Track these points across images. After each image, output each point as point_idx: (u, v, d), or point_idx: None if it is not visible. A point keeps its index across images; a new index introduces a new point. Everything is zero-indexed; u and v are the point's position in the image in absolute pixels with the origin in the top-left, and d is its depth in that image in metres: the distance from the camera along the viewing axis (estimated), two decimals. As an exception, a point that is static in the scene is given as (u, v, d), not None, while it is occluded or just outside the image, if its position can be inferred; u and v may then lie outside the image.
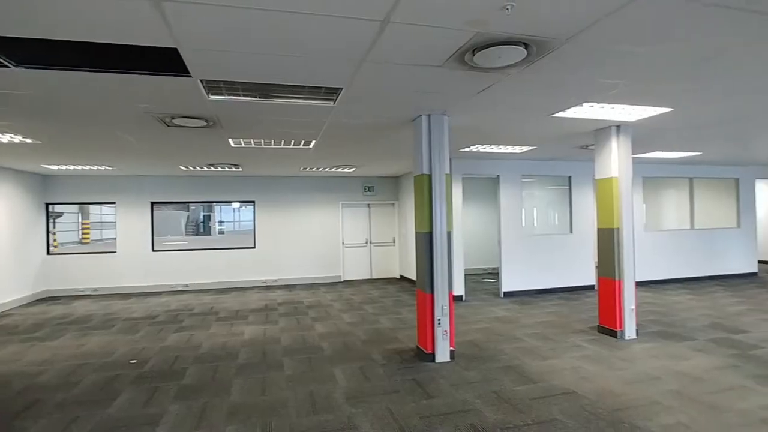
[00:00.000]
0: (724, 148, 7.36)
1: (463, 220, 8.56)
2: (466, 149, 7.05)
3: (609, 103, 4.38)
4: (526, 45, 2.78)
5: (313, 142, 6.12)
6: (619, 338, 5.37)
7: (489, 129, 5.52)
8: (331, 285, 10.36)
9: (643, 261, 9.35)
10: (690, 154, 8.07)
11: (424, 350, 4.74)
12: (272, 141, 5.99)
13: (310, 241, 10.80)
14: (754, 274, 10.42)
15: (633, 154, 7.78)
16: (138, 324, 6.66)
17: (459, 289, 8.16)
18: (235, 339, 5.72)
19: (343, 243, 11.07)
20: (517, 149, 7.13)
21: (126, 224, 9.86)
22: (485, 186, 11.51)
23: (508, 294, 8.37)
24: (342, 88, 3.66)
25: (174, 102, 3.97)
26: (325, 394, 3.88)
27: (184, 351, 5.23)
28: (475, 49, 2.81)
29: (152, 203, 10.02)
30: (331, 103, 4.10)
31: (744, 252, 10.40)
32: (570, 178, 9.04)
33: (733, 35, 2.72)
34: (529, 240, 8.66)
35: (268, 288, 10.03)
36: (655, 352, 4.82)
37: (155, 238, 10.19)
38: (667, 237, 9.86)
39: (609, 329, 5.52)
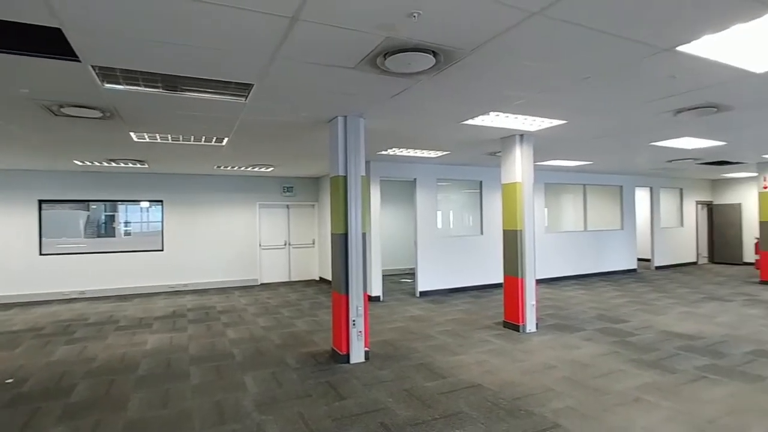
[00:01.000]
0: (610, 158, 8.26)
1: (381, 222, 8.70)
2: (384, 152, 7.17)
3: (513, 114, 4.70)
4: (434, 53, 2.89)
5: (226, 140, 5.86)
6: (521, 332, 5.78)
7: (405, 133, 5.67)
8: (247, 288, 9.98)
9: (544, 260, 10.18)
10: (583, 163, 8.94)
11: (338, 352, 4.74)
12: (180, 136, 5.63)
13: (225, 243, 10.31)
14: (634, 270, 11.80)
15: (535, 161, 8.45)
16: (18, 337, 5.89)
17: (377, 290, 8.28)
18: (136, 349, 5.28)
19: (260, 245, 10.72)
20: (433, 154, 7.40)
21: (5, 224, 8.67)
22: (403, 188, 11.80)
23: (423, 293, 8.64)
24: (253, 85, 3.55)
25: (62, 88, 3.58)
26: (233, 402, 3.72)
27: (74, 365, 4.72)
28: (387, 53, 2.88)
29: (40, 201, 8.92)
30: (243, 99, 3.95)
31: (626, 251, 11.74)
32: (481, 182, 9.58)
33: (606, 57, 3.06)
34: (443, 241, 9.02)
35: (177, 293, 9.39)
36: (551, 344, 5.26)
37: (44, 240, 9.07)
38: (565, 238, 10.83)
39: (513, 324, 5.92)
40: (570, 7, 2.30)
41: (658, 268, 12.32)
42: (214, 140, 5.89)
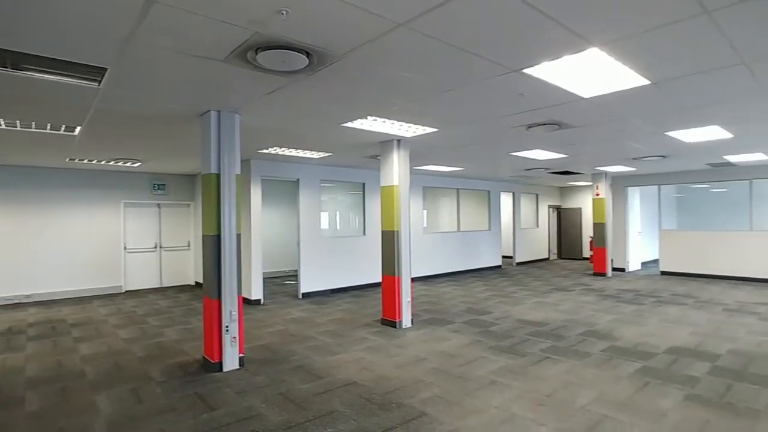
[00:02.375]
0: (478, 165, 9.09)
1: (263, 223, 8.42)
2: (265, 151, 6.96)
3: (390, 119, 4.91)
4: (308, 53, 2.90)
5: (78, 129, 5.15)
6: (398, 328, 6.06)
7: (285, 132, 5.57)
8: (109, 297, 8.88)
9: (423, 259, 10.81)
10: (456, 169, 9.70)
11: (210, 360, 4.47)
12: (18, 122, 4.80)
13: (81, 246, 9.03)
14: (499, 266, 13.13)
15: (414, 166, 8.93)
16: None
17: (257, 293, 7.99)
18: (-51, 377, 4.37)
19: (125, 248, 9.62)
20: (315, 154, 7.39)
21: None
22: (286, 189, 11.57)
23: (306, 295, 8.57)
24: (107, 69, 3.18)
25: None
26: (79, 428, 3.28)
27: None
28: (258, 48, 2.80)
29: None
30: (96, 84, 3.52)
31: (493, 249, 13.01)
32: (364, 184, 9.82)
33: (466, 72, 3.37)
34: (327, 242, 9.05)
35: (16, 307, 7.98)
36: (424, 337, 5.60)
37: None
38: (441, 238, 11.62)
39: (390, 321, 6.17)
40: (432, 22, 2.48)
41: (518, 264, 13.87)
42: (63, 128, 5.13)
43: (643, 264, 12.81)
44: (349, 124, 5.10)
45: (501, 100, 4.14)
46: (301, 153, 7.23)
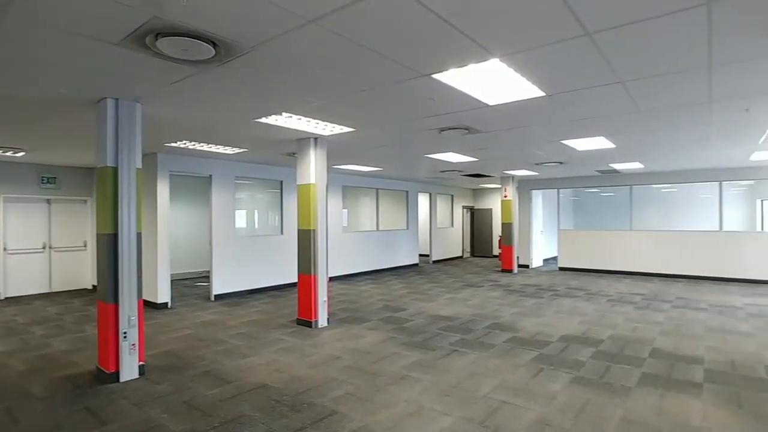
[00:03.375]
0: (396, 166, 9.30)
1: (173, 221, 7.88)
2: (174, 144, 6.52)
3: (306, 117, 4.85)
4: (214, 44, 2.77)
5: (-62, 111, 4.45)
6: (313, 328, 6.01)
7: (195, 125, 5.27)
8: (-22, 305, 7.76)
9: (343, 258, 10.83)
10: (375, 169, 9.84)
11: (105, 371, 4.10)
12: None
13: (-59, 247, 7.79)
14: (416, 264, 13.55)
15: (333, 164, 8.92)
16: None
17: (164, 296, 7.47)
18: None
19: (5, 249, 8.47)
20: (229, 150, 7.08)
21: None
22: (199, 185, 10.96)
23: (219, 297, 8.18)
24: (-26, 45, 2.79)
25: None
26: (-66, 455, 2.84)
27: None
28: (158, 34, 2.62)
29: None
30: (-40, 60, 3.07)
31: (410, 248, 13.40)
32: (282, 182, 9.60)
33: (378, 74, 3.45)
34: (242, 241, 8.72)
35: None
36: (340, 336, 5.61)
37: None
38: (361, 237, 11.72)
39: (306, 321, 6.11)
40: (342, 22, 2.50)
41: (434, 262, 14.41)
42: None
43: (545, 261, 13.98)
44: (264, 120, 4.96)
45: (414, 103, 4.28)
46: (213, 148, 6.88)
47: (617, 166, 9.46)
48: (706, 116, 4.83)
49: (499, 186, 14.16)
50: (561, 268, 12.22)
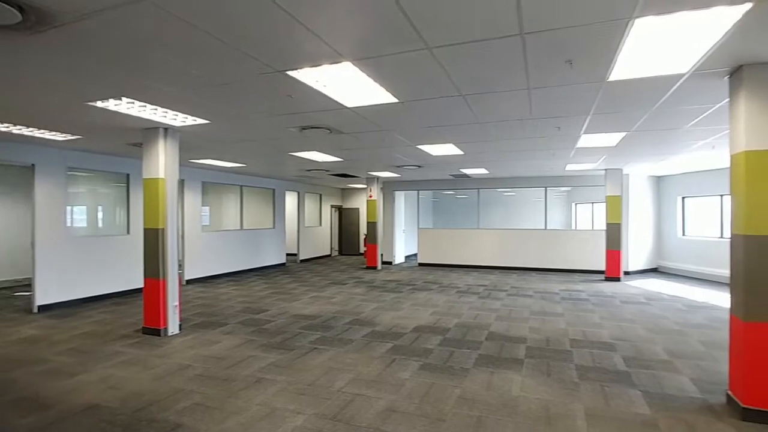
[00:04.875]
0: (261, 163, 8.99)
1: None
2: (-24, 125, 5.35)
3: (153, 105, 4.39)
4: (20, 8, 2.34)
5: None
6: (162, 336, 5.48)
7: (7, 104, 4.39)
8: None
9: (202, 259, 10.10)
10: (238, 165, 9.36)
11: None
12: None
13: None
14: (283, 264, 13.28)
15: (190, 159, 8.25)
16: None
17: (-40, 311, 6.08)
18: None
19: None
20: (59, 136, 6.05)
21: None
22: (19, 176, 9.18)
23: (45, 308, 6.94)
24: None
25: None
26: None
27: None
28: (-63, -11, 2.13)
29: None
30: None
31: (277, 247, 13.09)
32: (128, 175, 8.55)
33: (229, 66, 3.30)
34: (77, 242, 7.54)
35: None
36: (192, 343, 5.21)
37: None
38: (223, 237, 11.05)
39: (153, 329, 5.54)
40: (187, 6, 2.33)
41: (302, 261, 14.29)
42: None
43: (407, 257, 14.89)
44: (100, 104, 4.36)
45: (271, 99, 4.18)
46: (37, 132, 5.81)
47: (467, 171, 10.52)
48: (530, 131, 5.65)
49: (366, 186, 14.64)
50: (420, 264, 13.13)
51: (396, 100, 4.14)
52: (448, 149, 7.00)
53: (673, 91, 3.90)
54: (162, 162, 5.55)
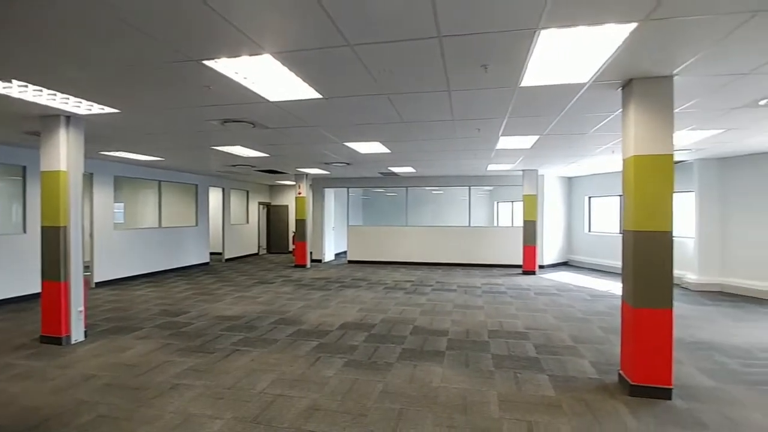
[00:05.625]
0: (181, 156, 8.48)
1: None
2: None
3: (51, 89, 3.97)
4: None
5: None
6: (64, 344, 5.00)
7: None
8: None
9: (116, 259, 9.35)
10: (156, 159, 8.77)
11: None
12: None
13: None
14: (207, 264, 12.67)
15: (101, 151, 7.60)
16: None
17: None
18: None
19: None
20: (-70, 121, 5.29)
21: None
22: None
23: None
24: None
25: None
26: None
27: None
28: None
29: None
30: None
31: (200, 246, 12.46)
32: (25, 168, 7.69)
33: (138, 49, 3.09)
34: (-45, 243, 6.64)
35: None
36: (99, 351, 4.81)
37: None
38: (140, 235, 10.30)
39: (53, 337, 5.04)
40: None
41: (227, 260, 13.72)
42: None
43: (336, 255, 14.84)
44: (-16, 87, 3.87)
45: (188, 89, 3.95)
46: None
47: (395, 169, 10.70)
48: (452, 132, 5.88)
49: (295, 183, 14.38)
50: (350, 261, 13.15)
51: (320, 96, 4.11)
52: (375, 147, 7.08)
53: (577, 99, 4.25)
54: (63, 153, 5.05)
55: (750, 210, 7.96)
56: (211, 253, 13.47)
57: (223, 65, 3.29)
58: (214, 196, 14.15)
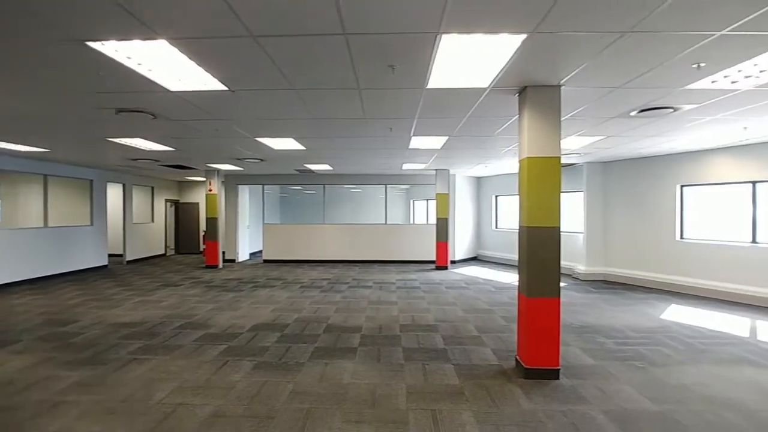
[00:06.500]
0: (70, 148, 7.63)
1: None
2: None
3: None
4: None
5: None
6: None
7: None
8: None
9: (-17, 265, 8.19)
10: (39, 150, 7.79)
11: None
12: None
13: None
14: (105, 266, 11.56)
15: (-37, 139, 6.59)
16: None
17: None
18: None
19: None
20: None
21: None
22: None
23: None
24: None
25: None
26: None
27: None
28: None
29: None
30: None
31: (96, 247, 11.31)
32: None
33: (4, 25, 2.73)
34: None
35: None
36: (-39, 369, 4.18)
37: None
38: (21, 236, 9.08)
39: None
40: None
41: (129, 262, 12.62)
42: None
43: (252, 254, 14.31)
44: None
45: (73, 74, 3.57)
46: None
47: (311, 167, 10.56)
48: (365, 131, 5.94)
49: (205, 179, 13.63)
50: (265, 261, 12.75)
51: (226, 89, 3.93)
52: (288, 143, 6.92)
53: (480, 103, 4.51)
54: None
55: (626, 208, 9.03)
56: (111, 255, 12.31)
57: (112, 48, 3.01)
58: (114, 193, 12.94)
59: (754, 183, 7.13)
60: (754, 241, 7.11)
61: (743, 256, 7.13)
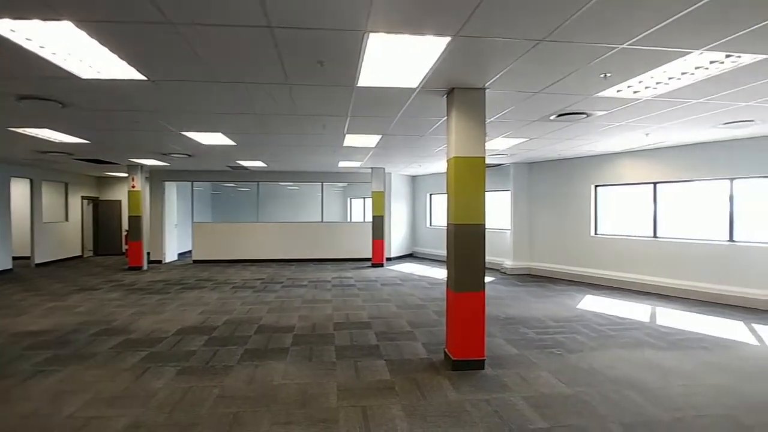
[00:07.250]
0: (-37, 139, 6.80)
1: None
2: None
3: None
4: None
5: None
6: None
7: None
8: None
9: None
10: None
11: None
12: None
13: None
14: (9, 270, 10.43)
15: None
16: None
17: None
18: None
19: None
20: None
21: None
22: None
23: None
24: None
25: None
26: None
27: None
28: None
29: None
30: None
31: (-3, 250, 10.19)
32: None
33: None
34: None
35: None
36: None
37: None
38: None
39: None
40: None
41: (38, 265, 11.49)
42: None
43: (180, 255, 13.57)
44: None
45: (-40, 56, 3.19)
46: None
47: (244, 163, 10.21)
48: (297, 127, 5.84)
49: (128, 175, 12.73)
50: (195, 261, 12.15)
51: (144, 78, 3.69)
52: (218, 138, 6.64)
53: (410, 103, 4.60)
54: None
55: (549, 206, 9.65)
56: (16, 258, 11.14)
57: (6, 27, 2.72)
58: (20, 189, 11.71)
59: (655, 183, 7.90)
60: (655, 235, 7.89)
61: (646, 249, 7.88)
